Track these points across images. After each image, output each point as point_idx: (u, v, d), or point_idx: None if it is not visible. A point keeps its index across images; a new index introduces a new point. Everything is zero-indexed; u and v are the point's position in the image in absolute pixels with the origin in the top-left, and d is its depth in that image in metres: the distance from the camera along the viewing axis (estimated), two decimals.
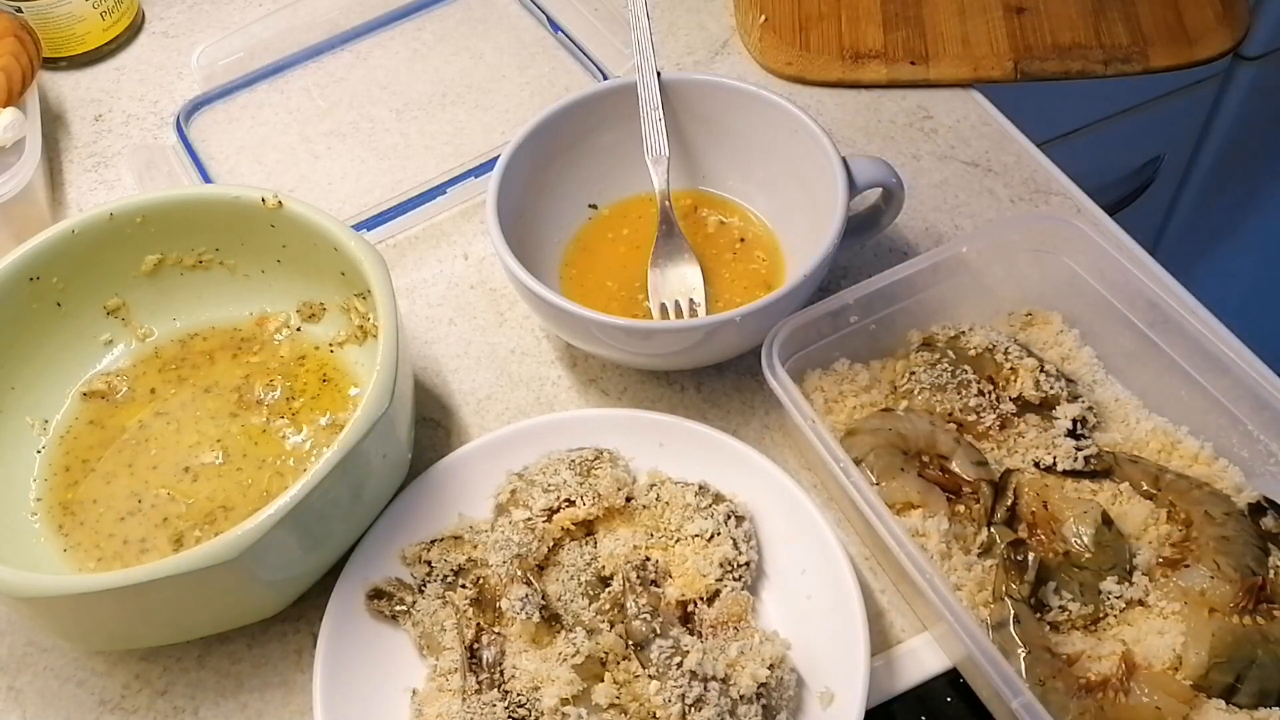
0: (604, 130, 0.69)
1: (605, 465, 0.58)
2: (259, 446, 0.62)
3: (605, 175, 0.71)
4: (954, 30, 0.82)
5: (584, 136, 0.69)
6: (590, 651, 0.52)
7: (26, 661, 0.58)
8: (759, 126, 0.68)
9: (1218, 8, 0.83)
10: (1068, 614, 0.53)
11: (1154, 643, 0.52)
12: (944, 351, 0.62)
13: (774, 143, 0.67)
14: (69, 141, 0.83)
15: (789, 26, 0.84)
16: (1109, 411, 0.62)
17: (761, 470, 0.58)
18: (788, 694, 0.52)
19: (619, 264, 0.69)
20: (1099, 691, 0.51)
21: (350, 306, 0.65)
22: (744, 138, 0.69)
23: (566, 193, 0.70)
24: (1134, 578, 0.54)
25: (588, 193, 0.71)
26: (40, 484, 0.61)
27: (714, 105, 0.69)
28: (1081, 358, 0.64)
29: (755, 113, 0.68)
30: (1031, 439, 0.59)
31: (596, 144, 0.70)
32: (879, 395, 0.62)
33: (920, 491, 0.57)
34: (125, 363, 0.66)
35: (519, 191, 0.66)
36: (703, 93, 0.69)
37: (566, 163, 0.69)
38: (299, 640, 0.58)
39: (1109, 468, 0.58)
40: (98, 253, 0.62)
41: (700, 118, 0.70)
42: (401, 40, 0.88)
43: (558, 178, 0.69)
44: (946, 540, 0.55)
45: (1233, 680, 0.51)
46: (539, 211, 0.68)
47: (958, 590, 0.54)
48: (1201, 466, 0.59)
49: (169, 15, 0.92)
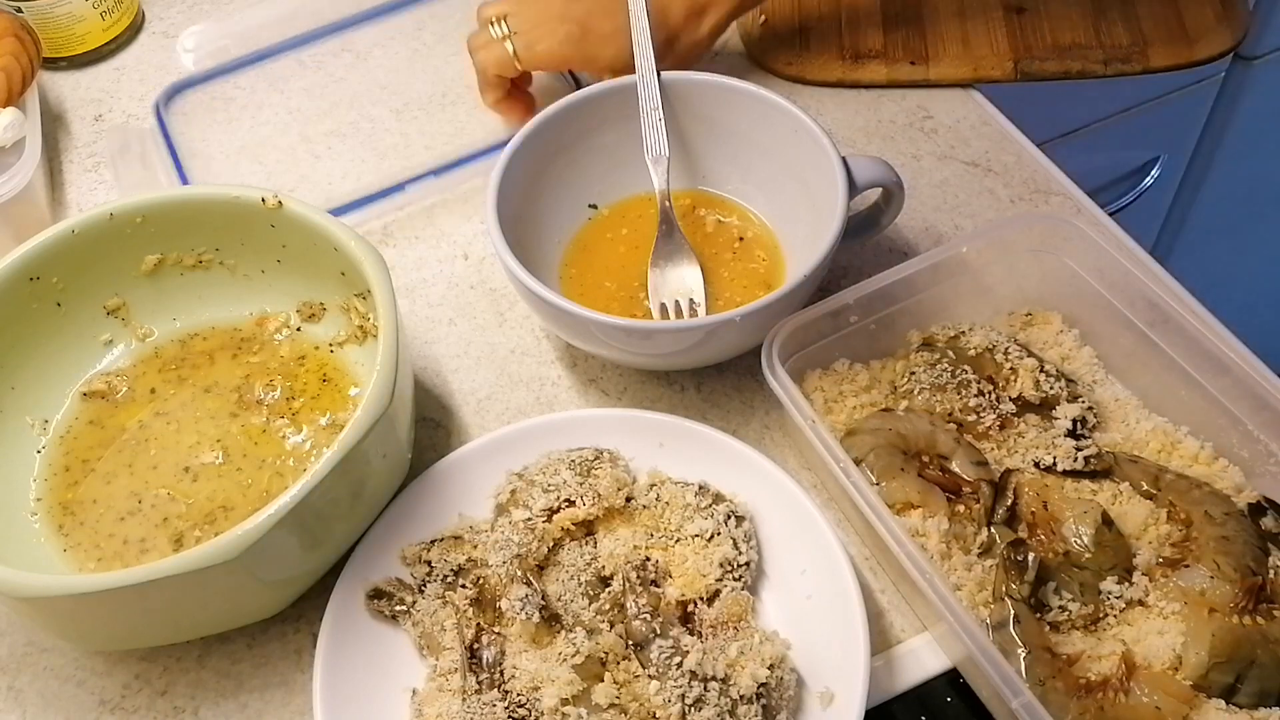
0: (604, 130, 0.69)
1: (605, 465, 0.58)
2: (259, 446, 0.62)
3: (605, 175, 0.71)
4: (954, 30, 0.82)
5: (584, 136, 0.69)
6: (590, 651, 0.52)
7: (26, 661, 0.58)
8: (759, 126, 0.68)
9: (1218, 8, 0.83)
10: (1068, 614, 0.53)
11: (1154, 643, 0.52)
12: (944, 351, 0.62)
13: (774, 142, 0.67)
14: (69, 141, 0.83)
15: (789, 26, 0.84)
16: (1109, 411, 0.62)
17: (761, 470, 0.58)
18: (788, 694, 0.52)
19: (619, 264, 0.69)
20: (1099, 691, 0.51)
21: (350, 306, 0.65)
22: (744, 137, 0.69)
23: (566, 193, 0.70)
24: (1134, 578, 0.54)
25: (588, 192, 0.71)
26: (40, 484, 0.61)
27: (714, 105, 0.69)
28: (1081, 358, 0.64)
29: (755, 112, 0.68)
30: (1031, 439, 0.59)
31: (596, 144, 0.70)
32: (879, 395, 0.62)
33: (920, 491, 0.57)
34: (125, 363, 0.66)
35: (519, 191, 0.66)
36: (702, 92, 0.69)
37: (566, 163, 0.69)
38: (299, 640, 0.58)
39: (1109, 468, 0.58)
40: (98, 253, 0.62)
41: (700, 117, 0.70)
42: (401, 40, 0.88)
43: (557, 178, 0.69)
44: (946, 540, 0.55)
45: (1233, 680, 0.51)
46: (538, 211, 0.68)
47: (958, 590, 0.54)
48: (1201, 466, 0.59)
49: (169, 15, 0.92)
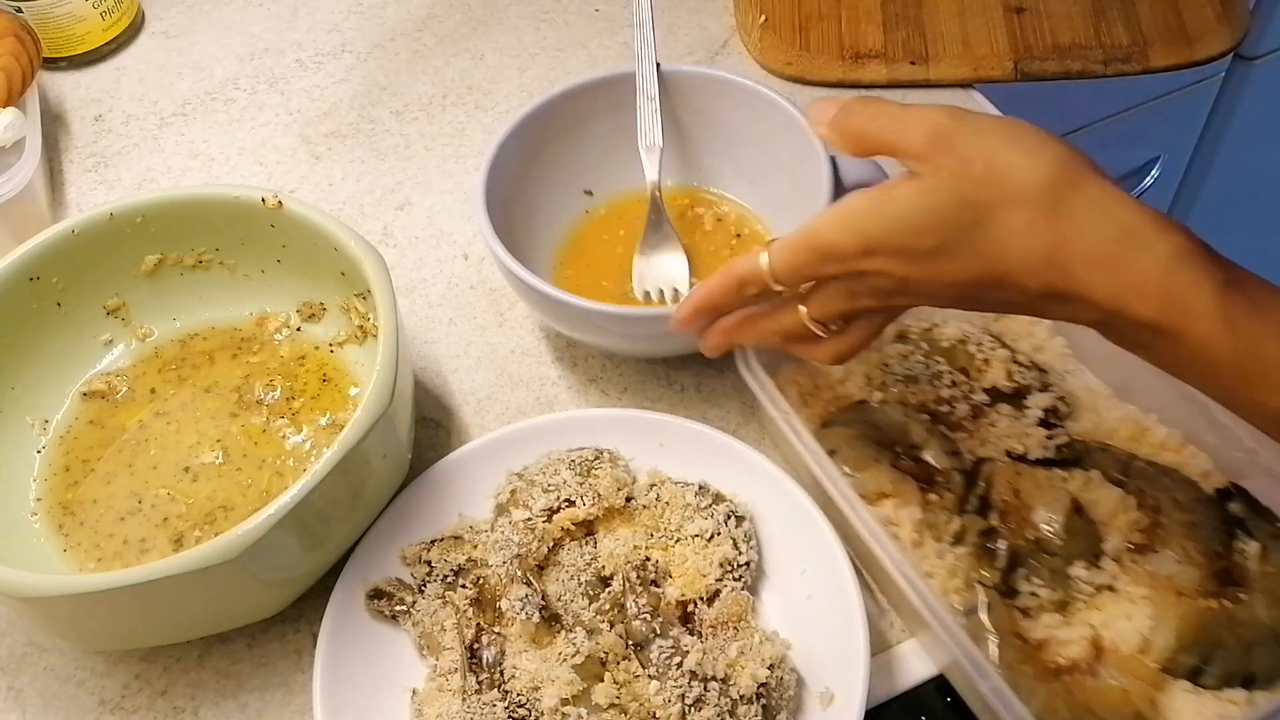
0: (598, 120, 0.70)
1: (605, 465, 0.58)
2: (259, 446, 0.62)
3: (598, 165, 0.71)
4: (954, 30, 0.83)
5: (579, 126, 0.69)
6: (590, 651, 0.52)
7: (26, 661, 0.58)
8: (753, 121, 0.68)
9: (1218, 8, 0.83)
10: (1038, 599, 0.54)
11: (1122, 626, 0.52)
12: (917, 344, 0.63)
13: (766, 138, 0.68)
14: (69, 141, 0.83)
15: (789, 26, 0.84)
16: (1080, 401, 0.62)
17: (761, 470, 0.58)
18: (787, 694, 0.52)
19: (615, 264, 0.69)
20: (1067, 675, 0.51)
21: (350, 306, 0.65)
22: (738, 132, 0.69)
23: (561, 180, 0.70)
24: (1103, 563, 0.54)
25: (582, 179, 0.72)
26: (40, 484, 0.61)
27: (710, 98, 0.69)
28: (1054, 348, 0.64)
29: (749, 106, 0.68)
30: (1004, 428, 0.60)
31: (591, 134, 0.70)
32: (853, 387, 0.63)
33: (893, 481, 0.57)
34: (125, 363, 0.66)
35: (510, 183, 0.66)
36: (699, 85, 0.69)
37: (559, 151, 0.69)
38: (299, 640, 0.58)
39: (1079, 456, 0.59)
40: (98, 253, 0.62)
41: (696, 110, 0.70)
42: (402, 41, 0.88)
43: (550, 168, 0.69)
44: (919, 529, 0.56)
45: (1199, 663, 0.51)
46: (533, 207, 0.68)
47: (929, 578, 0.54)
48: (1170, 454, 0.59)
49: (169, 15, 0.92)
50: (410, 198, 0.77)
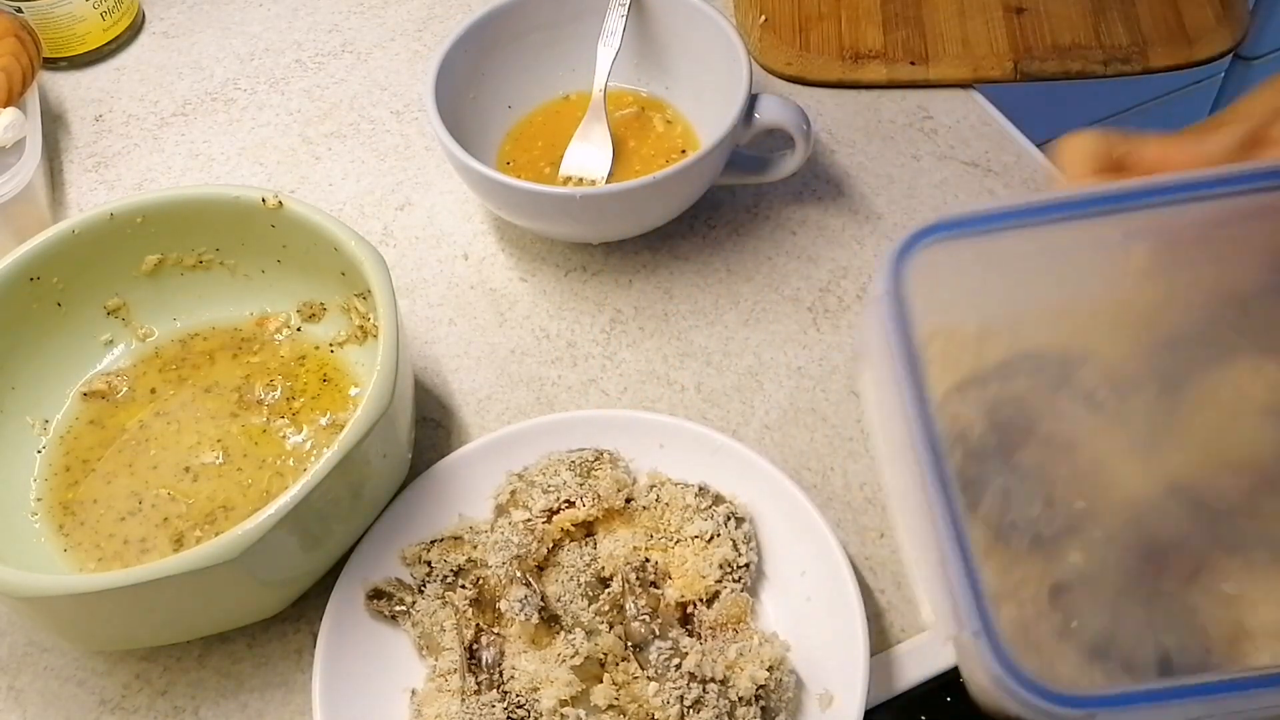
0: (580, 20, 0.75)
1: (605, 466, 0.59)
2: (259, 446, 0.62)
3: (565, 62, 0.77)
4: (954, 30, 0.82)
5: (526, 33, 0.75)
6: (589, 653, 0.52)
7: (26, 661, 0.58)
8: (705, 45, 0.72)
9: (1218, 8, 0.83)
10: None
11: None
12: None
13: (711, 58, 0.72)
14: (69, 141, 0.83)
15: (789, 26, 0.84)
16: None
17: (761, 472, 0.58)
18: (787, 695, 0.52)
19: (559, 154, 0.74)
20: None
21: (350, 306, 0.65)
22: (684, 46, 0.74)
23: (499, 92, 0.76)
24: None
25: (508, 95, 0.76)
26: (40, 484, 0.61)
27: (670, 13, 0.74)
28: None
29: (700, 27, 0.72)
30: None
31: (571, 32, 0.75)
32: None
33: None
34: (125, 363, 0.66)
35: (456, 85, 0.71)
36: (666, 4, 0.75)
37: (501, 61, 0.75)
38: (299, 640, 0.58)
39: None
40: (98, 253, 0.62)
41: (660, 24, 0.75)
42: (402, 41, 0.88)
43: (491, 75, 0.75)
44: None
45: None
46: (491, 95, 0.75)
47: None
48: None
49: (169, 15, 0.92)
50: (410, 198, 0.77)
